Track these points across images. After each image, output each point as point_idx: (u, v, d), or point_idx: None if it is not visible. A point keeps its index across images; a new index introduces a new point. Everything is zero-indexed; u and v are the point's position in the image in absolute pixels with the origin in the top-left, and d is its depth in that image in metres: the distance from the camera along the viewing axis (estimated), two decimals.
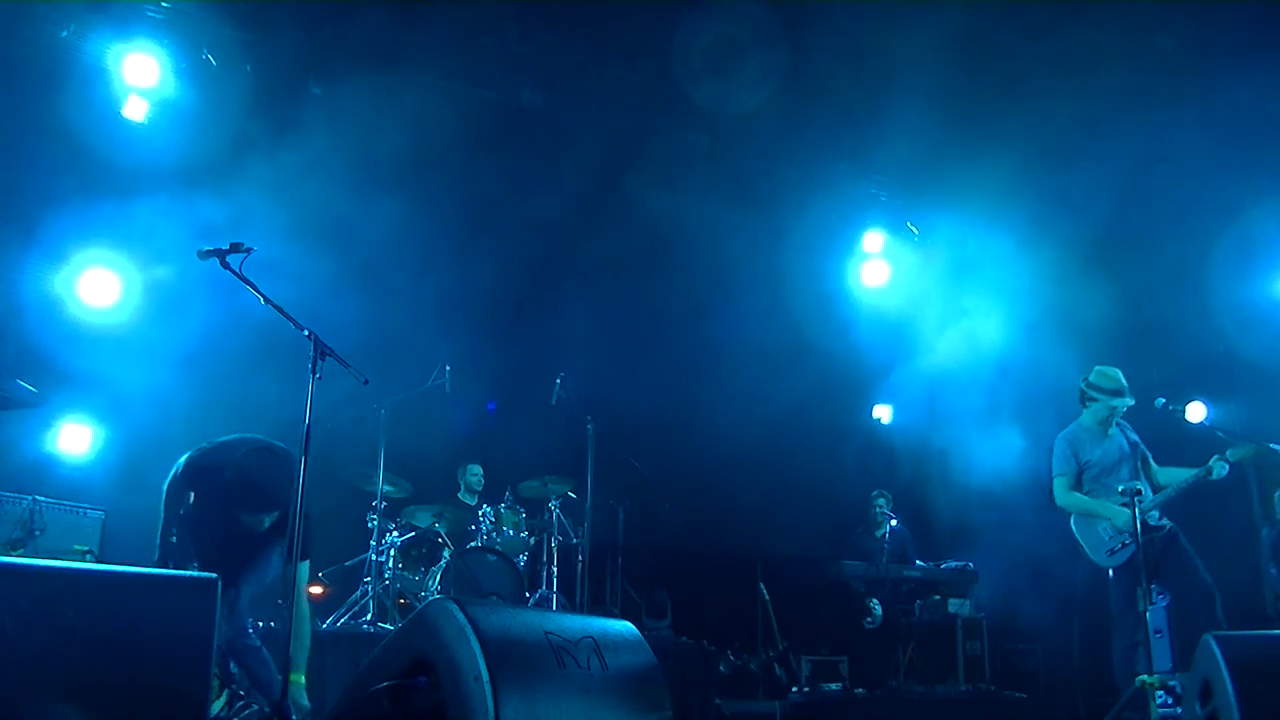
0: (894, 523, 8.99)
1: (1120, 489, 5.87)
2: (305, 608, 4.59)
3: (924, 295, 9.91)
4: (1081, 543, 6.16)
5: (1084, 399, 6.37)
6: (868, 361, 10.01)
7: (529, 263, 9.17)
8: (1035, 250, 8.69)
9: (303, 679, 4.46)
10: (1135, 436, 6.30)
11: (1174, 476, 6.09)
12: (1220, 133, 7.74)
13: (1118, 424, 6.28)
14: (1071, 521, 6.26)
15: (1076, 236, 8.86)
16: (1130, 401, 6.23)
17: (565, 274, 9.13)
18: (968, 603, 8.55)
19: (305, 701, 4.44)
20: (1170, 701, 5.50)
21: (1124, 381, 6.29)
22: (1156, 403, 6.29)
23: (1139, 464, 6.22)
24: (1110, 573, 6.00)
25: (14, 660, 3.00)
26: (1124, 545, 5.88)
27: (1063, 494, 6.24)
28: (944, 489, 9.01)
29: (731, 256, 9.40)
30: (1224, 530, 7.61)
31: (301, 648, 4.52)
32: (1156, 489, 6.13)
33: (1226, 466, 5.87)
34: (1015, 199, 8.45)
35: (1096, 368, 6.42)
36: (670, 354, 9.25)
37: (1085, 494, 6.13)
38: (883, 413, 10.84)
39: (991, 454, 8.77)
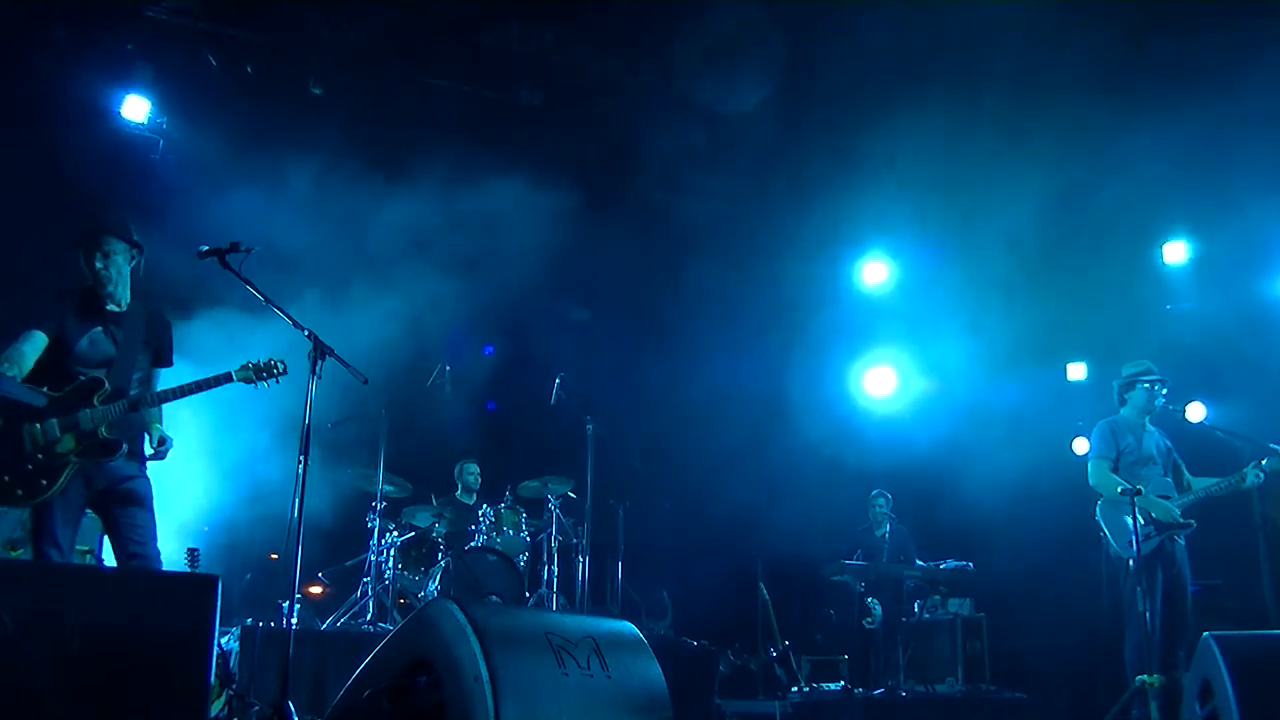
0: (894, 522, 8.98)
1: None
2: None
3: (924, 294, 9.90)
4: (1105, 529, 6.15)
5: (1121, 395, 6.43)
6: (867, 360, 10.00)
7: (529, 262, 9.17)
8: (1035, 249, 8.68)
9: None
10: (1169, 444, 6.36)
11: (1206, 483, 6.12)
12: (1219, 133, 7.74)
13: (1156, 427, 6.32)
14: (1099, 506, 6.25)
15: (1076, 235, 8.85)
16: (1165, 380, 6.27)
17: (565, 274, 9.12)
18: (968, 603, 8.55)
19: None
20: None
21: (1152, 365, 6.40)
22: (1155, 403, 6.31)
23: (1170, 467, 6.23)
24: (1130, 564, 6.00)
25: (14, 660, 3.01)
26: (1146, 537, 5.88)
27: (1100, 475, 6.22)
28: (945, 488, 9.00)
29: (731, 256, 9.41)
30: (1224, 530, 7.60)
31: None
32: (1184, 492, 6.16)
33: (1263, 475, 5.88)
34: (1014, 198, 8.44)
35: (1124, 365, 6.51)
36: (670, 354, 9.25)
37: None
38: (883, 413, 10.83)
39: (992, 453, 8.77)
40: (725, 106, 8.40)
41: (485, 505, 7.98)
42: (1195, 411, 8.56)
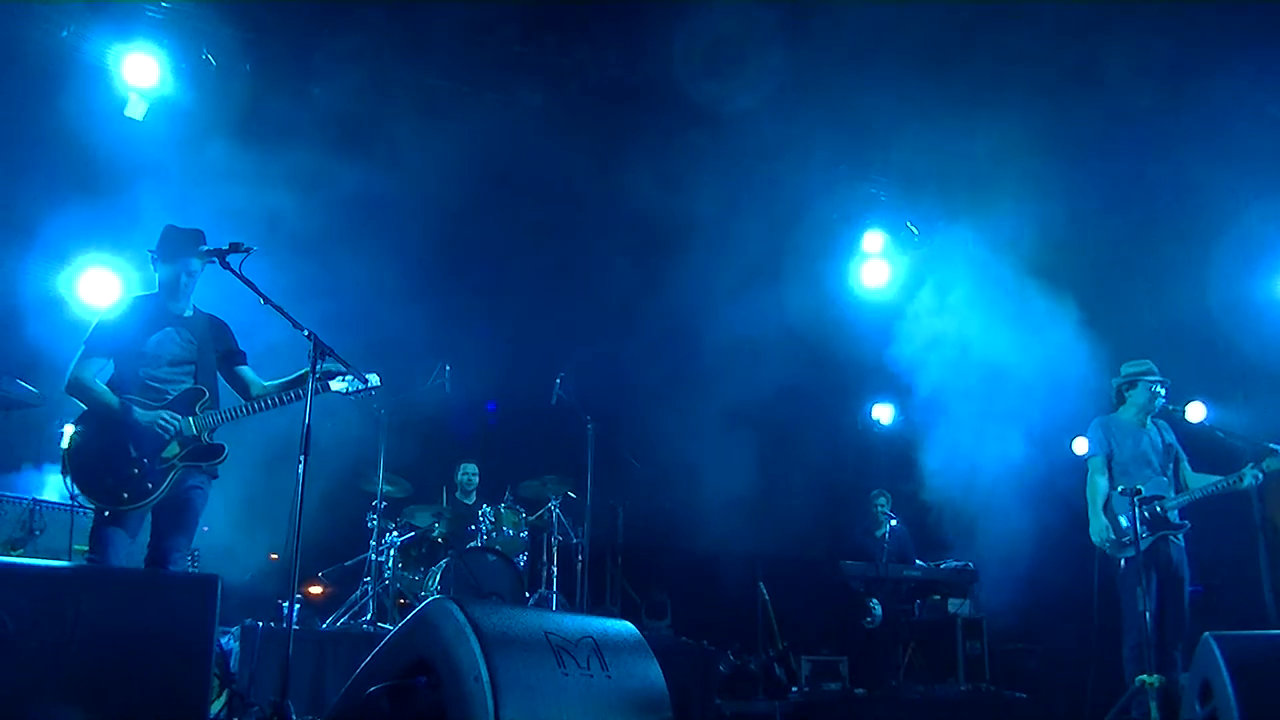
0: (894, 522, 8.98)
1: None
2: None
3: (924, 295, 9.90)
4: (1098, 529, 6.16)
5: (1120, 394, 6.41)
6: (868, 361, 9.99)
7: (529, 262, 9.17)
8: (1035, 250, 8.68)
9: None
10: (1172, 438, 6.31)
11: (1203, 482, 6.10)
12: (1220, 133, 7.73)
13: (1155, 423, 6.30)
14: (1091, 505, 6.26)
15: (1076, 236, 8.85)
16: (1166, 380, 6.25)
17: (565, 274, 9.13)
18: (968, 603, 8.55)
19: None
20: None
21: (1153, 365, 6.36)
22: (1155, 403, 6.30)
23: (1170, 464, 6.21)
24: (1121, 563, 5.99)
25: (14, 660, 3.01)
26: (1140, 537, 5.87)
27: (1092, 476, 6.23)
28: (944, 489, 9.00)
29: (731, 257, 9.40)
30: (1224, 530, 7.61)
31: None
32: (1182, 491, 6.14)
33: (1260, 476, 5.87)
34: (1014, 199, 8.44)
35: (1124, 363, 6.48)
36: (670, 354, 9.25)
37: (1114, 482, 6.12)
38: (883, 413, 10.83)
39: (992, 453, 8.76)
40: (725, 106, 8.39)
41: (485, 505, 7.98)
42: (1195, 411, 8.56)
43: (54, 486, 6.56)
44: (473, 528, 7.83)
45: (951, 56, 7.61)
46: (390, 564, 7.32)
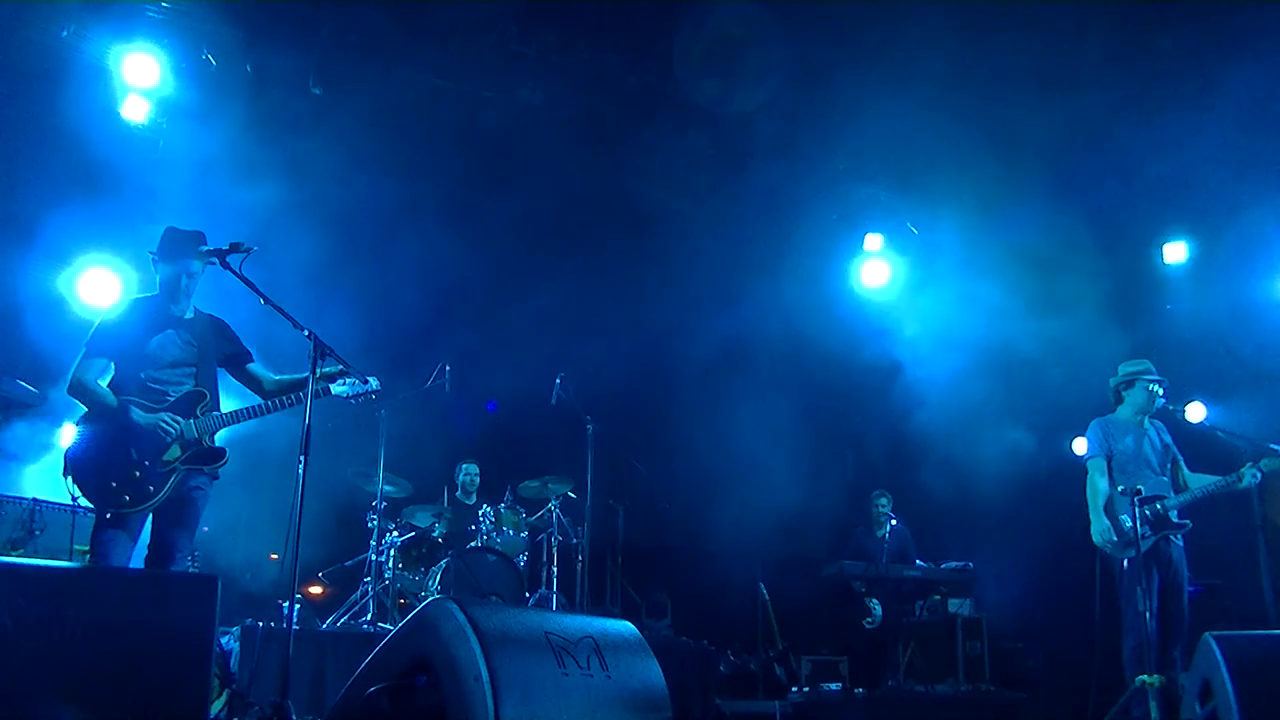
0: (894, 523, 8.98)
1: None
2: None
3: (923, 295, 9.90)
4: (1100, 529, 6.16)
5: (1118, 393, 6.39)
6: (868, 361, 10.00)
7: (529, 263, 9.17)
8: (1034, 250, 8.68)
9: None
10: (1169, 439, 6.31)
11: (1203, 482, 6.10)
12: (1220, 132, 7.73)
13: (1153, 423, 6.30)
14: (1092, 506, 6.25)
15: (1076, 235, 8.85)
16: (1164, 380, 6.25)
17: (565, 274, 9.13)
18: (968, 603, 8.54)
19: None
20: None
21: (1151, 365, 6.35)
22: (1154, 404, 6.30)
23: (1169, 464, 6.21)
24: (1124, 563, 5.98)
25: (14, 660, 3.01)
26: (1142, 537, 5.87)
27: (1093, 476, 6.20)
28: (944, 489, 9.01)
29: (732, 257, 9.41)
30: (1224, 530, 7.61)
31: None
32: (1181, 492, 6.14)
33: (1259, 475, 5.87)
34: (1014, 198, 8.44)
35: (1121, 363, 6.46)
36: (671, 354, 9.25)
37: (1114, 483, 6.11)
38: (884, 412, 10.81)
39: (992, 453, 8.77)
40: (726, 106, 8.40)
41: (485, 505, 7.97)
42: (1195, 411, 8.55)
43: (54, 487, 6.57)
44: (473, 528, 7.83)
45: (952, 56, 7.61)
46: (390, 564, 7.32)
